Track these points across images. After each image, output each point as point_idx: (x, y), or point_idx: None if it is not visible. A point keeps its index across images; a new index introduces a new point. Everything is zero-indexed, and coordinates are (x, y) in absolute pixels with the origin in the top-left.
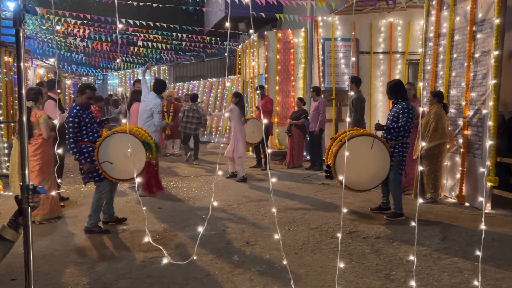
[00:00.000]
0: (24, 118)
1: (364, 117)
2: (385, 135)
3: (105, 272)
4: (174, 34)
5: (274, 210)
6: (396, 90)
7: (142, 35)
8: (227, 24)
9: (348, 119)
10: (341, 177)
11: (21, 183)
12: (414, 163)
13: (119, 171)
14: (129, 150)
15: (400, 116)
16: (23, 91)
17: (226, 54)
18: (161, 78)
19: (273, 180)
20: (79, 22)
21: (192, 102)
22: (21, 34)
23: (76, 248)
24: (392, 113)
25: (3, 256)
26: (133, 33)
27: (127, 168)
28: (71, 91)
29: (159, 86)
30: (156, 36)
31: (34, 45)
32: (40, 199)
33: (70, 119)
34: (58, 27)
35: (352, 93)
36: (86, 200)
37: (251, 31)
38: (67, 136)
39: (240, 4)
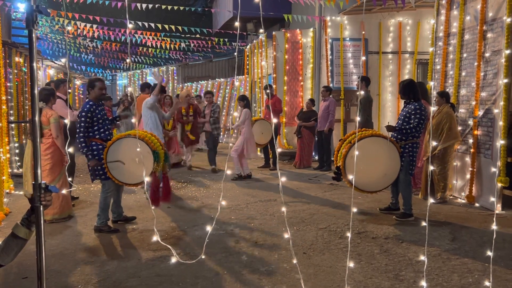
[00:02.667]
0: (37, 118)
1: (372, 117)
2: (395, 135)
3: (115, 270)
4: (183, 35)
5: (283, 209)
6: (408, 90)
7: (150, 37)
8: (236, 24)
9: (358, 118)
10: (350, 177)
11: (33, 182)
12: (420, 164)
13: (124, 175)
14: (137, 155)
15: (412, 116)
16: (36, 91)
17: (235, 54)
18: (169, 79)
19: (282, 179)
20: (88, 25)
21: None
22: (33, 35)
23: (86, 247)
24: (404, 113)
25: (15, 254)
26: (141, 35)
27: (133, 172)
28: (81, 92)
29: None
30: (165, 38)
31: (44, 45)
32: (52, 198)
33: (83, 113)
34: (69, 28)
35: (362, 92)
36: (96, 200)
37: (260, 31)
38: (77, 131)
39: (249, 4)
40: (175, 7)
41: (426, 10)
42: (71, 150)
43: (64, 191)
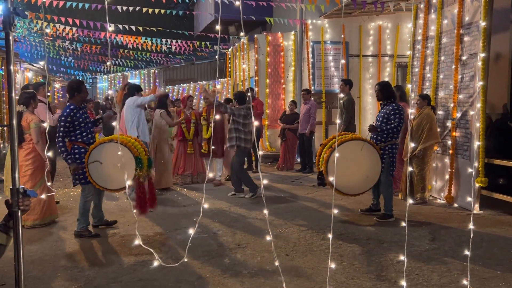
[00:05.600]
0: (14, 122)
1: (355, 119)
2: (374, 137)
3: (96, 276)
4: (164, 40)
5: (265, 211)
6: (384, 92)
7: (132, 39)
8: (217, 27)
9: (338, 121)
10: (331, 178)
11: (11, 187)
12: (399, 165)
13: (105, 179)
14: (118, 160)
15: (392, 117)
16: (13, 94)
17: (216, 57)
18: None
19: (264, 182)
20: (68, 27)
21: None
22: (10, 37)
23: (66, 253)
24: (382, 115)
25: None
26: (122, 38)
27: (114, 178)
28: (60, 95)
29: (133, 90)
30: (146, 40)
31: (22, 48)
32: (31, 203)
33: (63, 118)
34: (47, 30)
35: (342, 95)
36: (76, 204)
37: (241, 34)
38: (57, 135)
39: (230, 7)
40: (157, 10)
41: (405, 14)
42: (50, 154)
43: (43, 196)
